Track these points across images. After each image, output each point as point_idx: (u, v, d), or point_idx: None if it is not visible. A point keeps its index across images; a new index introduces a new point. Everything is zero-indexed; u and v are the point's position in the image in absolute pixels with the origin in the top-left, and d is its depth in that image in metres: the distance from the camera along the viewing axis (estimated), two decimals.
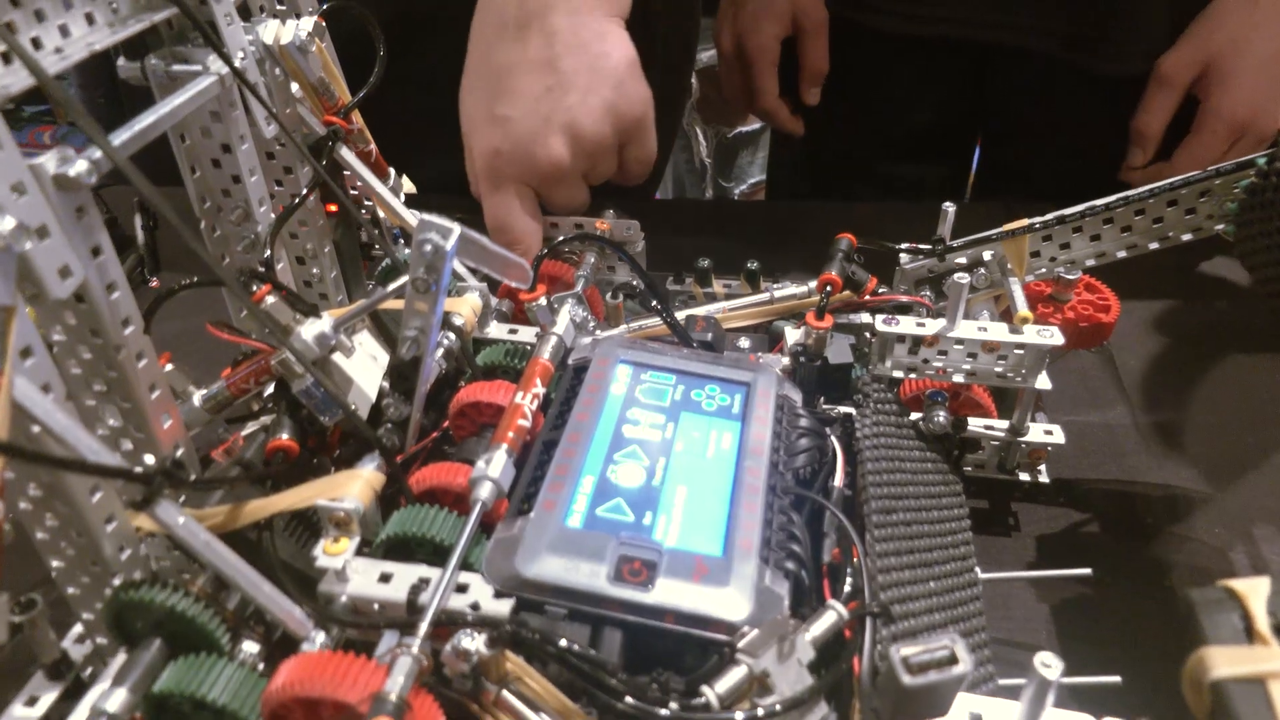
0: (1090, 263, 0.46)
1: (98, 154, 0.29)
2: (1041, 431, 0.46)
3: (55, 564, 0.32)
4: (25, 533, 0.32)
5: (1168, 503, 0.49)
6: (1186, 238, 0.44)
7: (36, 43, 0.30)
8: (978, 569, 0.40)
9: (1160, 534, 0.47)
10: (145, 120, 0.31)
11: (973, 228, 0.48)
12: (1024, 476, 0.47)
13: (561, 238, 0.48)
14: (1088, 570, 0.40)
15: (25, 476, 0.30)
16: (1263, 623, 0.23)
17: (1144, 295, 0.55)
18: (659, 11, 0.51)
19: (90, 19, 0.32)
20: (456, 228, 0.30)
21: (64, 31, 0.31)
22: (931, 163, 0.89)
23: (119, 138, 0.30)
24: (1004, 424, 0.45)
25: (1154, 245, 0.44)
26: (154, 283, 0.67)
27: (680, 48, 0.92)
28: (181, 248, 0.30)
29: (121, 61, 0.36)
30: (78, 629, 0.35)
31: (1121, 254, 0.45)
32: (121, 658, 0.32)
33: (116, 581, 0.32)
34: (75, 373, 0.32)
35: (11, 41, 0.28)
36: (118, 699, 0.28)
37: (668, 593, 0.31)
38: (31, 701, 0.33)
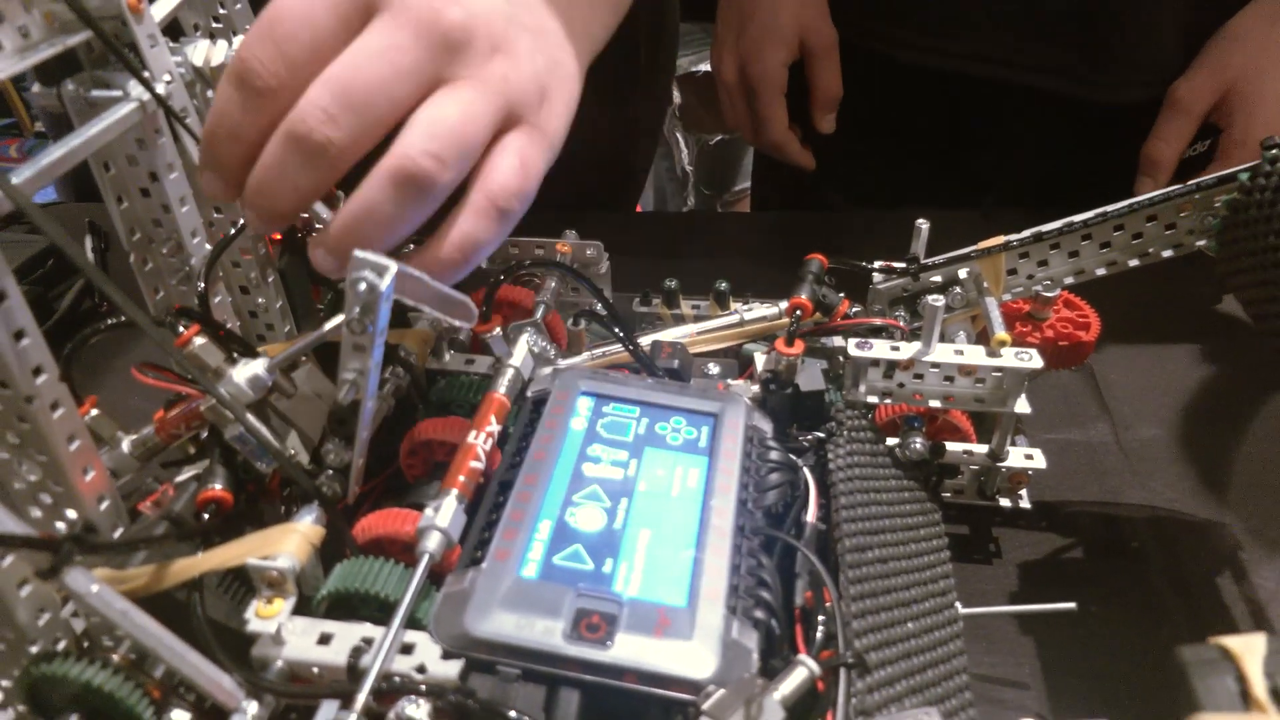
0: (1069, 280, 0.44)
1: None
2: (1022, 456, 0.44)
3: None
4: None
5: (1153, 525, 0.47)
6: (1167, 254, 0.42)
7: None
8: (958, 604, 0.38)
9: (1145, 558, 0.45)
10: (55, 153, 0.29)
11: (950, 235, 0.46)
12: (1004, 502, 0.45)
13: (518, 262, 0.46)
14: (1072, 605, 0.38)
15: None
16: (1259, 687, 0.21)
17: (1125, 309, 0.53)
18: (637, 17, 0.47)
19: None
20: (393, 265, 0.28)
21: None
22: (918, 174, 0.87)
23: (21, 175, 0.27)
24: (983, 449, 0.44)
25: (1134, 262, 0.43)
26: (104, 308, 0.65)
27: (659, 54, 0.90)
28: (123, 278, 0.28)
29: (36, 87, 0.33)
30: None
31: (1101, 271, 0.44)
32: None
33: (34, 648, 0.30)
34: None
35: None
36: None
37: (628, 649, 0.29)
38: None
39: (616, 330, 0.43)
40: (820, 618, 0.32)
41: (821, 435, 0.41)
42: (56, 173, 0.29)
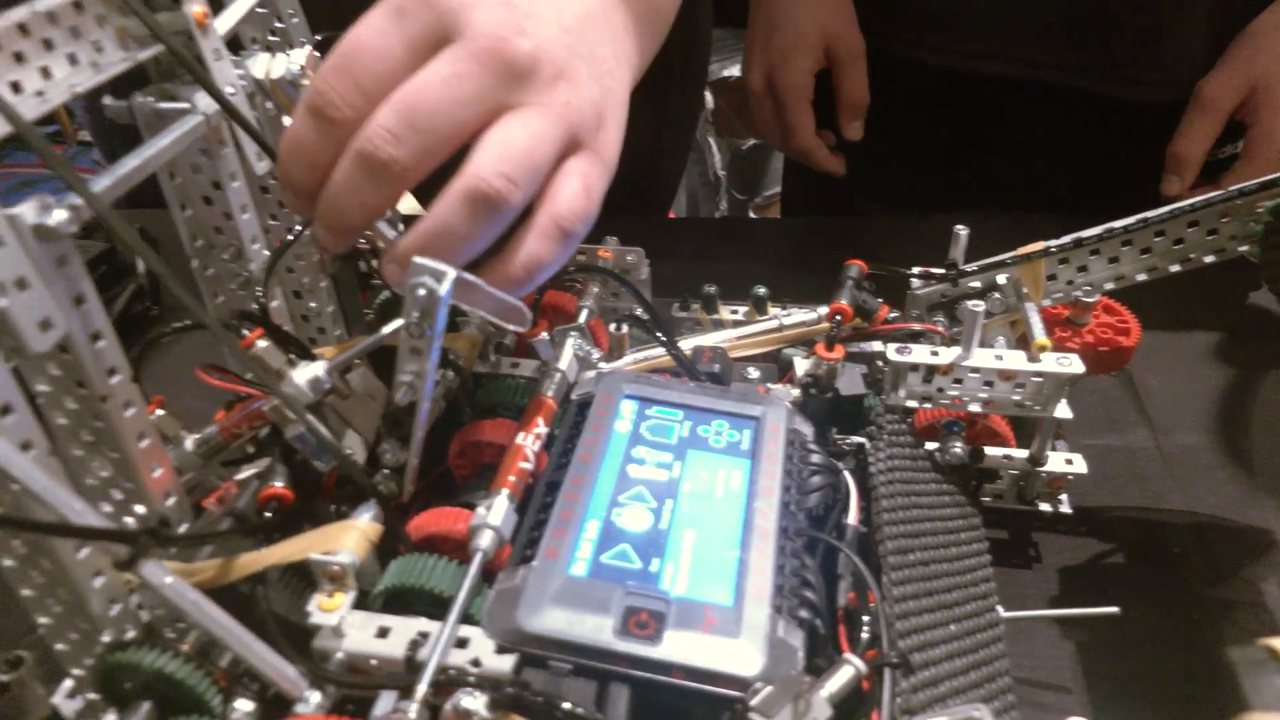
0: (1109, 286, 0.44)
1: (79, 201, 0.28)
2: (1062, 460, 0.44)
3: (43, 621, 0.31)
4: (8, 586, 0.31)
5: (1194, 531, 0.47)
6: (1209, 259, 0.42)
7: (16, 87, 0.29)
8: (999, 607, 0.39)
9: (1187, 564, 0.45)
10: (131, 163, 0.30)
11: (987, 241, 0.46)
12: (1044, 507, 0.45)
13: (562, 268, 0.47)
14: (1115, 609, 0.38)
15: (9, 534, 0.29)
16: None
17: (1165, 313, 0.53)
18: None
19: (73, 59, 0.31)
20: (451, 272, 0.29)
21: (45, 74, 0.30)
22: (947, 177, 0.87)
23: (101, 183, 0.29)
24: (1023, 453, 0.44)
25: (1175, 268, 0.43)
26: (155, 311, 0.67)
27: (693, 61, 0.90)
28: (185, 275, 0.29)
29: (108, 100, 0.35)
30: (68, 683, 0.34)
31: (1141, 276, 0.44)
32: (112, 718, 0.31)
33: (106, 637, 0.31)
34: (61, 423, 0.31)
35: None
36: None
37: (676, 646, 0.30)
38: None
39: (659, 334, 0.43)
40: (864, 618, 0.33)
41: (861, 440, 0.42)
42: (132, 182, 0.30)
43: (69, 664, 0.32)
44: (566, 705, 0.27)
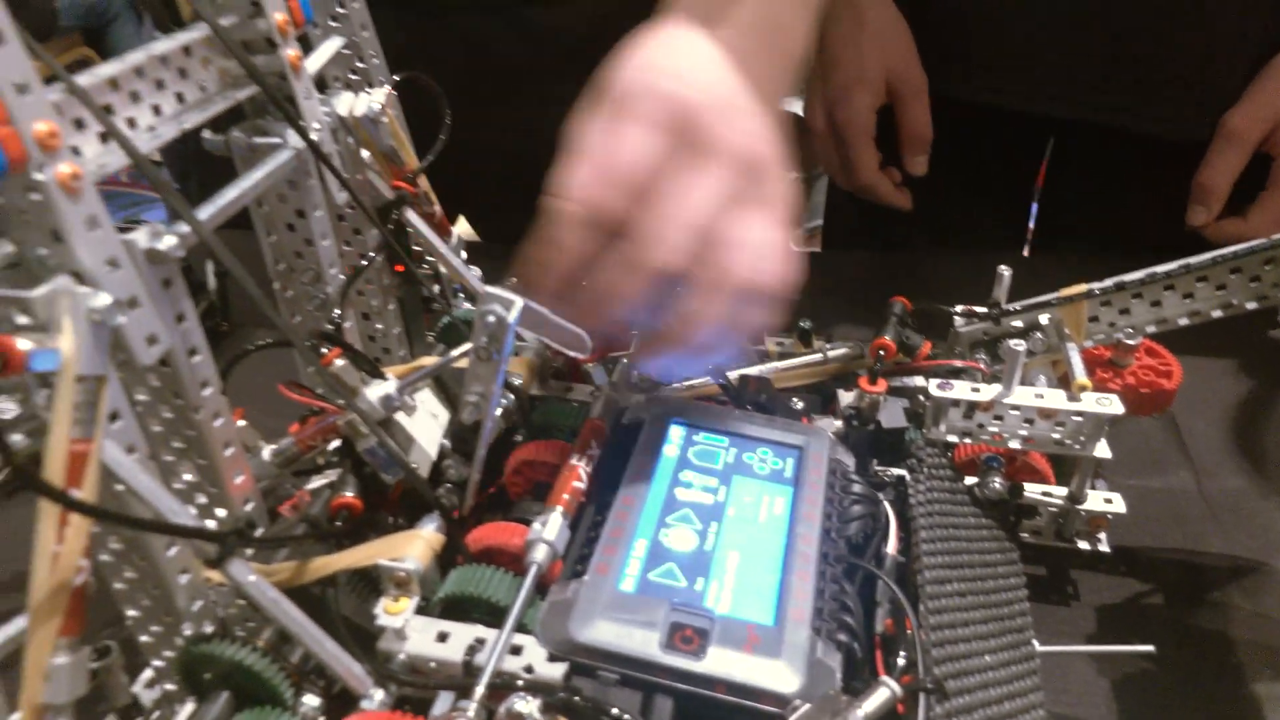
0: (1151, 329, 0.45)
1: (185, 228, 0.30)
2: (1101, 500, 0.45)
3: (131, 613, 0.34)
4: (98, 577, 0.33)
5: (1234, 574, 0.47)
6: (1251, 306, 0.43)
7: (132, 122, 0.32)
8: (1035, 641, 0.39)
9: (1227, 608, 0.45)
10: (230, 194, 0.33)
11: (1031, 281, 0.47)
12: (1083, 545, 0.46)
13: None
14: (1150, 648, 0.39)
15: (107, 531, 0.32)
16: None
17: (1209, 357, 0.54)
18: None
19: (181, 98, 0.34)
20: (519, 301, 0.31)
21: (156, 111, 0.33)
22: (990, 214, 0.88)
23: (205, 212, 0.32)
24: (1062, 491, 0.45)
25: (1217, 313, 0.44)
26: (224, 327, 0.70)
27: None
28: (247, 302, 0.31)
29: (207, 134, 0.38)
30: (148, 673, 0.37)
31: (1184, 321, 0.44)
32: (190, 706, 0.33)
33: (187, 631, 0.33)
34: (156, 430, 0.34)
35: (108, 123, 0.30)
36: None
37: (719, 662, 0.31)
38: None
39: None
40: (900, 645, 0.34)
41: (902, 472, 0.43)
42: (231, 211, 0.33)
43: (151, 655, 0.35)
44: (615, 711, 0.29)
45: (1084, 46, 0.73)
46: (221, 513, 0.35)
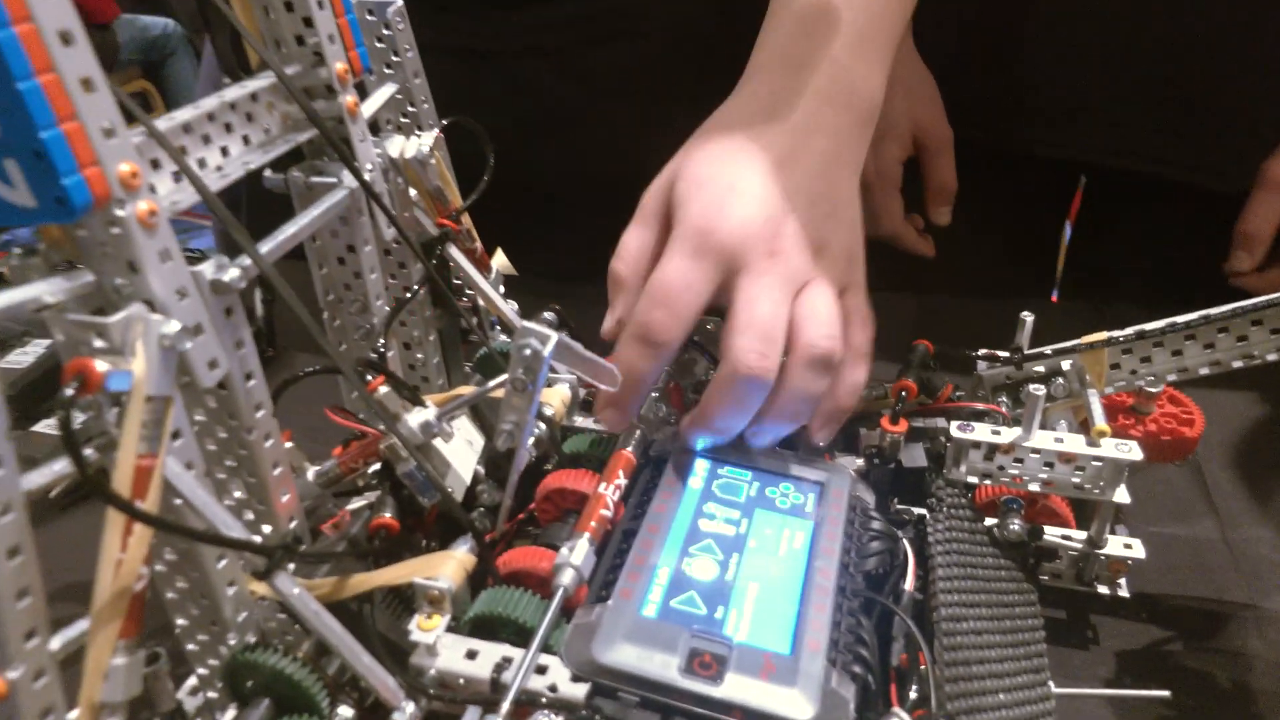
0: (1171, 377, 0.46)
1: (247, 261, 0.33)
2: (1121, 545, 0.45)
3: (180, 621, 0.36)
4: (150, 587, 0.35)
5: (1257, 625, 0.47)
6: (1272, 357, 0.44)
7: (202, 163, 0.35)
8: (1051, 683, 0.40)
9: (1248, 658, 0.45)
10: (288, 230, 0.36)
11: (1060, 328, 0.48)
12: (1103, 590, 0.46)
13: None
14: (1166, 693, 0.39)
15: (162, 543, 0.34)
16: None
17: (1235, 406, 0.54)
18: None
19: (246, 140, 0.37)
20: (554, 336, 0.33)
21: (224, 152, 0.36)
22: (1019, 262, 0.89)
23: (266, 246, 0.34)
24: (1082, 534, 0.45)
25: (1237, 363, 0.44)
26: (270, 353, 0.73)
27: None
28: (296, 324, 0.33)
29: (267, 174, 0.40)
30: (192, 681, 0.39)
31: (1204, 370, 0.45)
32: (231, 714, 0.35)
33: (231, 640, 0.35)
34: (210, 449, 0.36)
35: (183, 164, 0.32)
36: None
37: (736, 688, 0.32)
38: None
39: None
40: (915, 680, 0.35)
41: (922, 511, 0.44)
42: (289, 246, 0.35)
43: (197, 662, 0.37)
44: None
45: (1121, 95, 0.75)
46: (267, 529, 0.37)
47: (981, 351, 0.49)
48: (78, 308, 0.29)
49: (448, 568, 0.34)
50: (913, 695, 0.34)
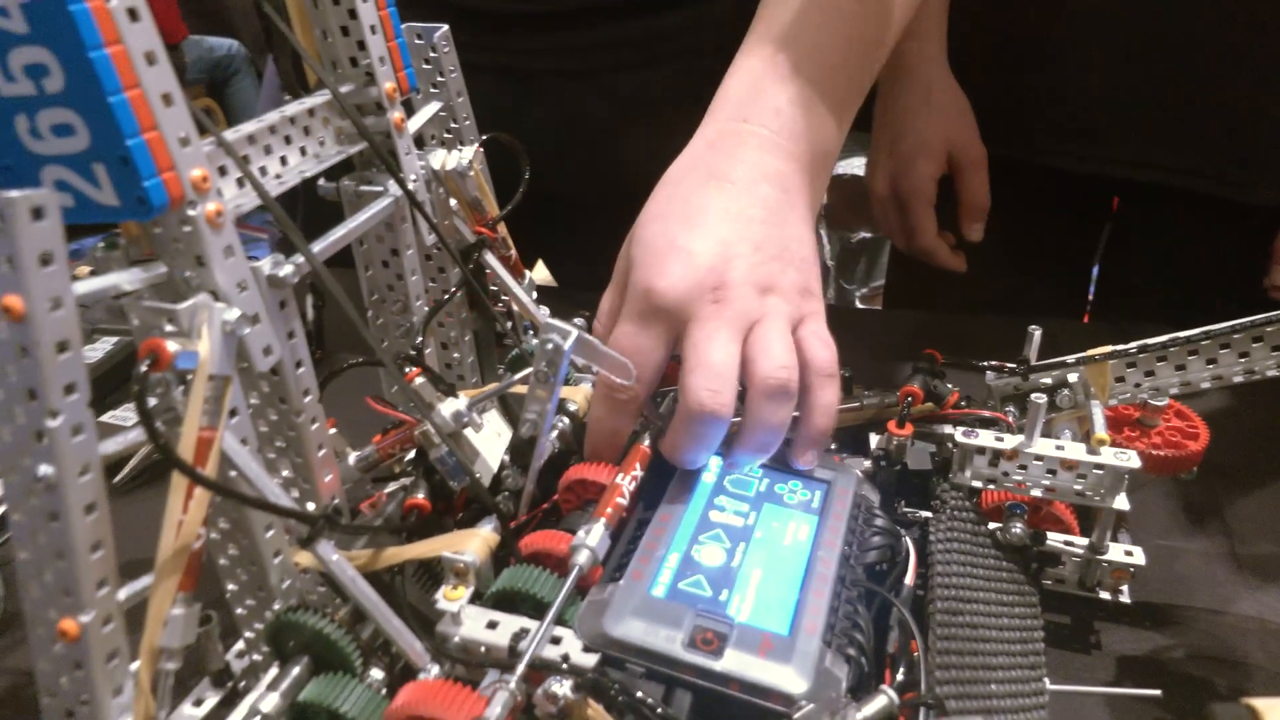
0: (1175, 391, 0.47)
1: (300, 259, 0.36)
2: (1122, 552, 0.47)
3: (230, 587, 0.39)
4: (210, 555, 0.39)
5: (1261, 637, 0.48)
6: (1272, 373, 0.45)
7: (263, 170, 0.39)
8: (1046, 680, 0.42)
9: (1248, 668, 0.46)
10: (338, 233, 0.39)
11: (1087, 346, 0.50)
12: (1105, 595, 0.48)
13: None
14: (1157, 691, 0.40)
15: (216, 513, 0.37)
16: None
17: (1248, 421, 0.55)
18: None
19: (304, 152, 0.41)
20: (574, 331, 0.36)
21: (283, 162, 0.40)
22: (1050, 279, 0.90)
23: (317, 246, 0.38)
24: (1083, 541, 0.47)
25: (1239, 379, 0.46)
26: (318, 354, 0.77)
27: None
28: (342, 328, 0.37)
29: (321, 182, 0.44)
30: (239, 645, 0.42)
31: (1206, 385, 0.47)
32: (273, 673, 0.38)
33: (276, 606, 0.38)
34: (262, 430, 0.40)
35: (247, 171, 0.36)
36: (271, 702, 0.34)
37: (735, 662, 0.35)
38: (198, 703, 0.40)
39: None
40: (907, 665, 0.37)
41: (927, 513, 0.46)
42: (338, 247, 0.39)
43: (243, 626, 0.40)
44: (639, 694, 0.33)
45: (1148, 108, 0.76)
46: (310, 506, 0.41)
47: (990, 362, 0.50)
48: (151, 295, 0.33)
49: (473, 543, 0.37)
50: (901, 678, 0.36)
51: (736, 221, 0.45)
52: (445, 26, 0.49)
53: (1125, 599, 0.48)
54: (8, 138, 0.30)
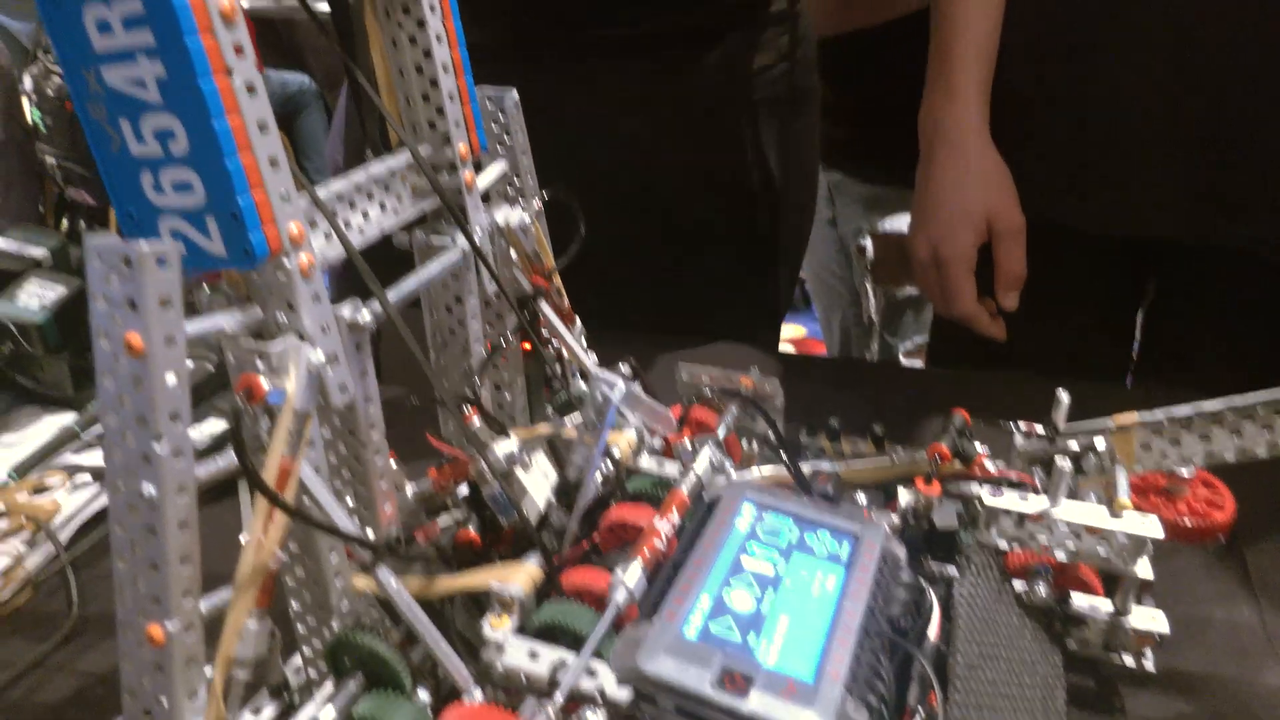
0: (1199, 461, 0.49)
1: (377, 306, 0.40)
2: (1147, 617, 0.48)
3: (294, 605, 0.42)
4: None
5: None
6: None
7: (347, 223, 0.42)
8: None
9: None
10: (411, 284, 0.43)
11: (1123, 410, 0.51)
12: (1128, 661, 0.49)
13: (710, 389, 0.57)
14: None
15: (288, 536, 0.41)
16: None
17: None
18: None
19: (384, 207, 0.45)
20: (621, 384, 0.39)
21: (365, 216, 0.44)
22: (1094, 338, 0.91)
23: (393, 294, 0.41)
24: (1107, 604, 0.48)
25: (1262, 452, 0.47)
26: None
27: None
28: (397, 364, 0.40)
29: (396, 235, 0.48)
30: (296, 661, 0.45)
31: (1230, 457, 0.48)
32: (328, 689, 0.41)
33: (335, 625, 0.41)
34: (331, 462, 0.43)
35: (336, 226, 0.40)
36: (328, 714, 0.37)
37: (760, 704, 0.37)
38: (256, 711, 0.43)
39: (782, 454, 0.51)
40: (920, 712, 0.39)
41: (953, 569, 0.48)
42: (413, 296, 0.43)
43: (303, 643, 0.43)
44: None
45: (1185, 170, 0.77)
46: (370, 534, 0.44)
47: (1020, 424, 0.52)
48: (246, 335, 0.37)
49: (519, 577, 0.40)
50: None
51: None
52: (514, 91, 0.53)
53: (1150, 666, 0.48)
54: (134, 189, 0.35)
